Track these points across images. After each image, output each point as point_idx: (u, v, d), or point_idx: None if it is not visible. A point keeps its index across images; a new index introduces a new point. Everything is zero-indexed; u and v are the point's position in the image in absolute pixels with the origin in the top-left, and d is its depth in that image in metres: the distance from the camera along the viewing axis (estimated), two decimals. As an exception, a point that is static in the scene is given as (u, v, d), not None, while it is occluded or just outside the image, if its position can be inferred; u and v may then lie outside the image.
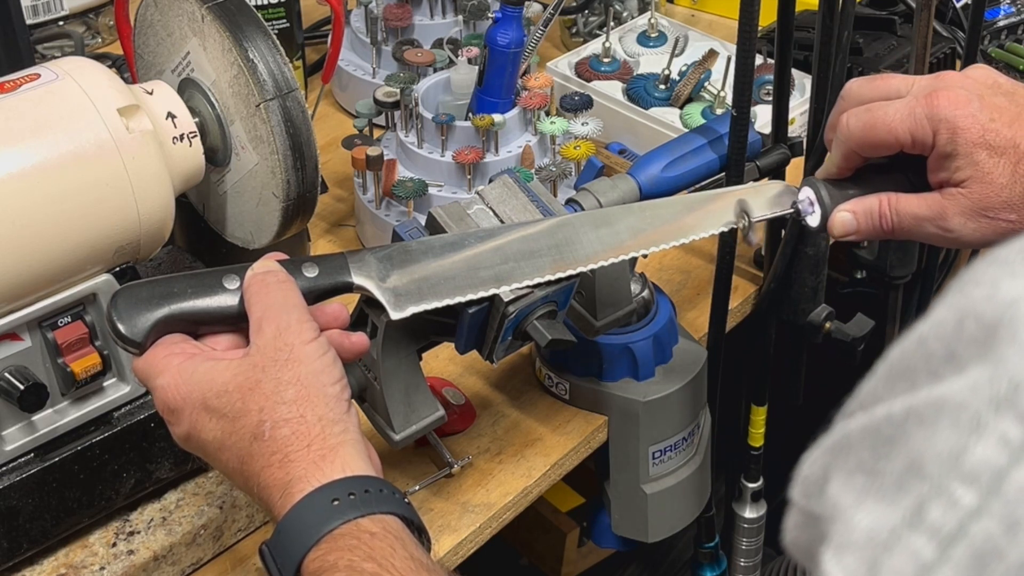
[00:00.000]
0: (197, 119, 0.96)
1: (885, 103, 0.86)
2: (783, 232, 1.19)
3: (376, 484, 0.73)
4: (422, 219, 0.92)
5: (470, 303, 0.85)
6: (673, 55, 1.42)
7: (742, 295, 1.24)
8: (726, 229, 0.92)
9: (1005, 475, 0.40)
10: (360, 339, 0.81)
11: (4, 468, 0.90)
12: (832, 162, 0.91)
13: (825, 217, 0.90)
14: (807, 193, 0.91)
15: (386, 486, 0.73)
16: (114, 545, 0.95)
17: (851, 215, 0.89)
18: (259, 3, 1.40)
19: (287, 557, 0.71)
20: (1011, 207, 0.83)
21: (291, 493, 0.72)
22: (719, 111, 1.34)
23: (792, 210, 0.93)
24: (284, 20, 1.42)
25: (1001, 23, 1.59)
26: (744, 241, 0.90)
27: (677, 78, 1.40)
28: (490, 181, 1.11)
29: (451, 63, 1.34)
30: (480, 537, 1.01)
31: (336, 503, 0.71)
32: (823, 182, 0.91)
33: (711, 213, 0.93)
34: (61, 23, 1.58)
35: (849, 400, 0.47)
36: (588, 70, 1.45)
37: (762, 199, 0.94)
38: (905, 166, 0.89)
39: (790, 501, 0.47)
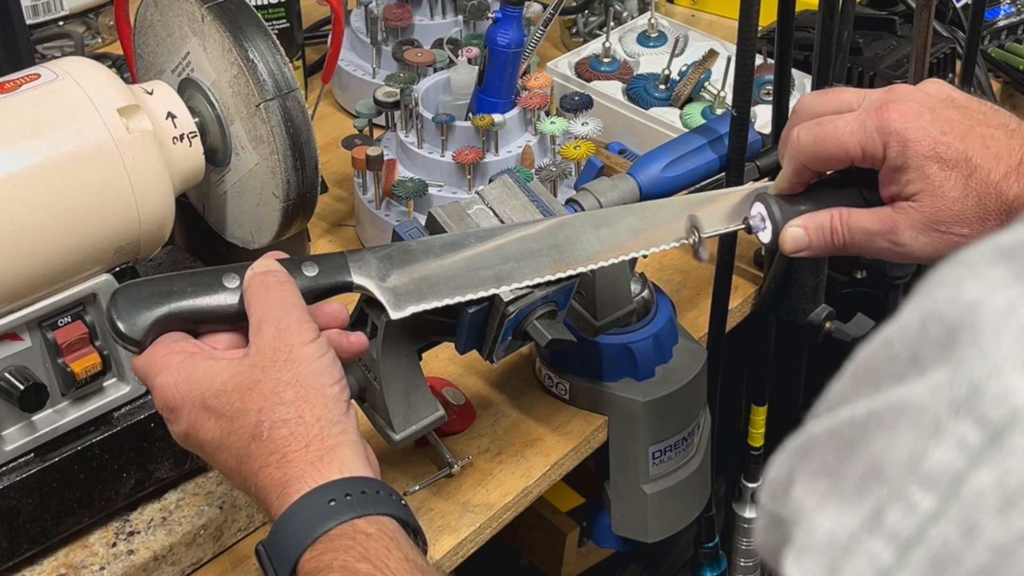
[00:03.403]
0: (197, 119, 0.96)
1: (835, 116, 0.85)
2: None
3: (373, 485, 0.73)
4: (422, 219, 0.92)
5: (470, 303, 0.85)
6: (673, 55, 1.42)
7: (742, 295, 1.24)
8: (678, 244, 0.91)
9: (963, 479, 0.40)
10: (359, 339, 0.81)
11: (4, 468, 0.90)
12: (784, 177, 0.89)
13: (776, 233, 0.89)
14: (758, 209, 0.90)
15: (383, 487, 0.73)
16: (114, 545, 0.95)
17: (802, 231, 0.87)
18: (259, 3, 1.40)
19: (283, 557, 0.71)
20: (963, 221, 0.81)
21: (288, 493, 0.72)
22: (719, 111, 1.34)
23: (743, 226, 0.91)
24: (284, 20, 1.42)
25: (1001, 23, 1.59)
26: (694, 257, 0.90)
27: (677, 78, 1.40)
28: (490, 181, 1.11)
29: (451, 63, 1.34)
30: (480, 537, 1.01)
31: (333, 504, 0.71)
32: (775, 197, 0.89)
33: (711, 214, 0.93)
34: (61, 23, 1.58)
35: (818, 402, 0.47)
36: (588, 70, 1.45)
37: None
38: (858, 181, 0.87)
39: (759, 504, 0.48)
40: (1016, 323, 0.40)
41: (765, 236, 0.90)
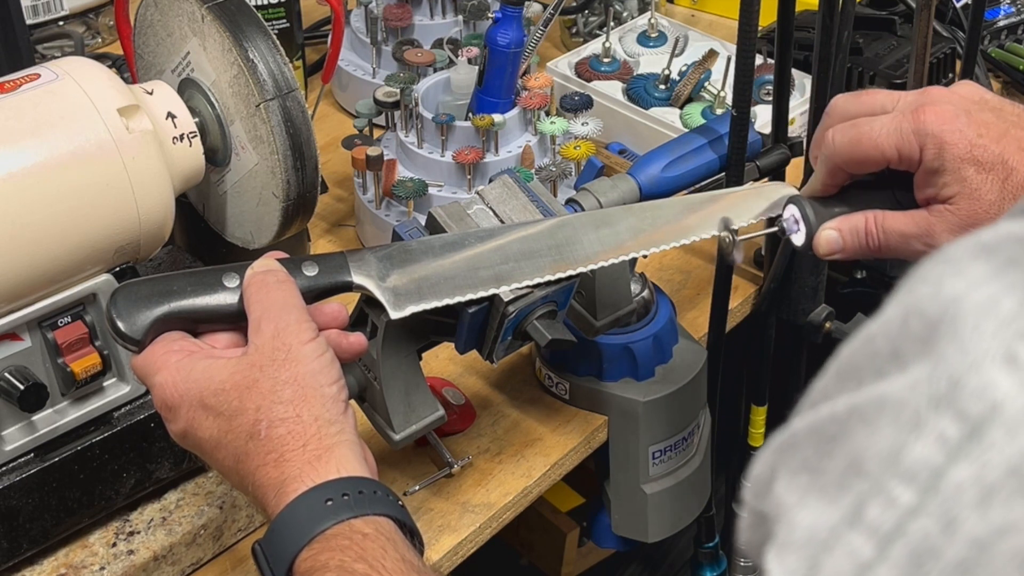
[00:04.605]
0: (197, 119, 0.96)
1: (871, 118, 0.84)
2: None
3: (370, 485, 0.73)
4: (422, 219, 0.92)
5: (470, 303, 0.85)
6: (673, 55, 1.42)
7: (742, 295, 1.24)
8: (709, 236, 0.91)
9: (942, 473, 0.40)
10: (358, 339, 0.81)
11: (4, 468, 0.90)
12: (818, 179, 0.88)
13: (810, 235, 0.88)
14: (792, 211, 0.89)
15: (380, 488, 0.73)
16: (114, 545, 0.95)
17: (837, 233, 0.87)
18: (259, 3, 1.40)
19: (279, 556, 0.71)
20: None
21: (285, 492, 0.72)
22: (719, 111, 1.34)
23: (776, 228, 0.90)
24: (284, 20, 1.42)
25: (1001, 23, 1.59)
26: (727, 259, 0.89)
27: (677, 78, 1.40)
28: (490, 181, 1.11)
29: (451, 63, 1.34)
30: (480, 537, 1.01)
31: (330, 503, 0.71)
32: (808, 200, 0.89)
33: (712, 214, 0.92)
34: (61, 23, 1.58)
35: (803, 399, 0.47)
36: (588, 70, 1.45)
37: (757, 207, 0.93)
38: (892, 183, 0.87)
39: (743, 501, 0.48)
40: (996, 318, 0.40)
41: (798, 239, 0.89)
